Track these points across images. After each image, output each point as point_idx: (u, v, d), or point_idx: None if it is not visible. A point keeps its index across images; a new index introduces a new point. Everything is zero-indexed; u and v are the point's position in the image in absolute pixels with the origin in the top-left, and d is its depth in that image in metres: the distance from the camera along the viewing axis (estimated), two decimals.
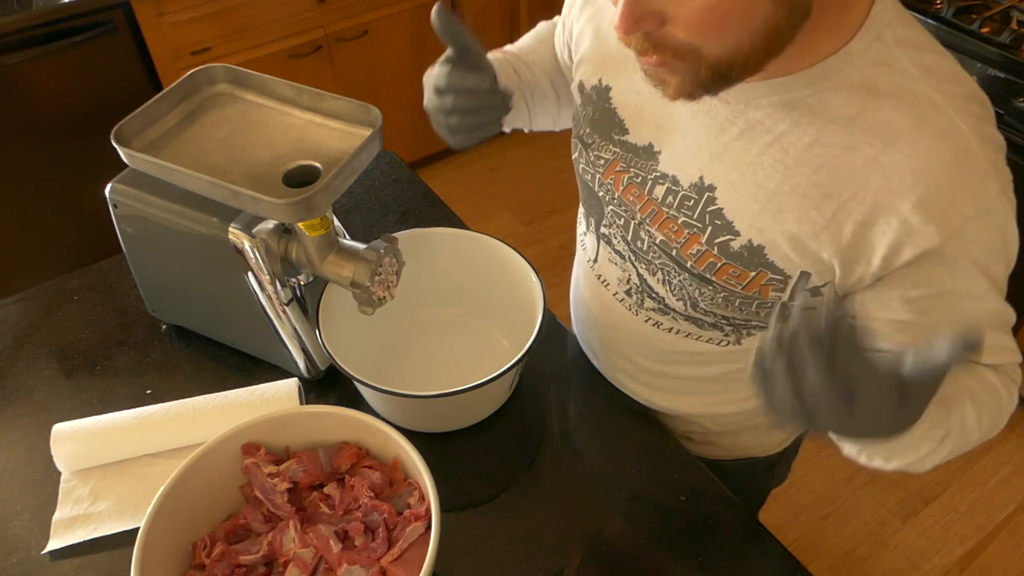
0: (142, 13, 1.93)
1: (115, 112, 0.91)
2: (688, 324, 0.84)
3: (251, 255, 0.89)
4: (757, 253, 0.71)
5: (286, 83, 0.90)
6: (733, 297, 0.76)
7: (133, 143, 0.86)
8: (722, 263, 0.74)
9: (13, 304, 1.12)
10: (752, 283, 0.73)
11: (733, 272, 0.74)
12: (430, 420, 0.94)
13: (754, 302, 0.76)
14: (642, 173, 0.78)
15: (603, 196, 0.85)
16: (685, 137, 0.74)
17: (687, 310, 0.82)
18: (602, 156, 0.83)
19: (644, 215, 0.80)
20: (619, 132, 0.80)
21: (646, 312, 0.87)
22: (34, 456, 0.93)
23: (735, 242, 0.72)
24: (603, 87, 0.81)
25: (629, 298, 0.88)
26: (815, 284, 0.70)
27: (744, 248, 0.72)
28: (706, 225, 0.74)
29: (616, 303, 0.90)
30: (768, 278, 0.72)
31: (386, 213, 1.26)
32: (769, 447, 1.04)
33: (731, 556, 0.84)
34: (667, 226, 0.77)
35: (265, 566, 0.76)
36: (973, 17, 1.74)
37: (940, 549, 1.84)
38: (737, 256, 0.72)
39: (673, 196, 0.76)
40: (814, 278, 0.70)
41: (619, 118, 0.80)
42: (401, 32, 2.44)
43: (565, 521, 0.87)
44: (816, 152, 0.65)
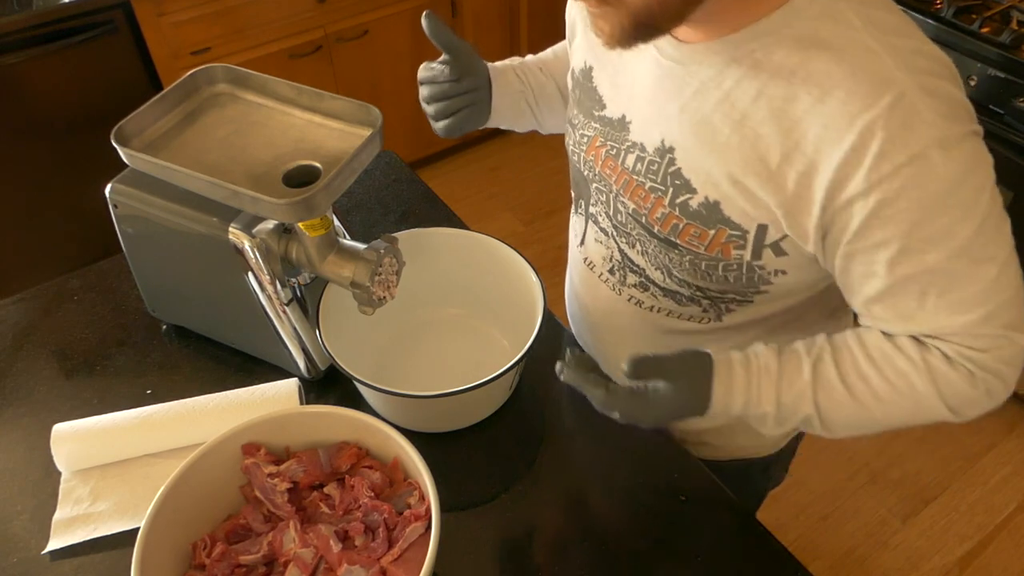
0: (142, 13, 1.93)
1: (115, 112, 0.91)
2: (667, 300, 0.85)
3: (251, 255, 0.89)
4: (714, 210, 0.72)
5: (286, 83, 0.91)
6: (699, 260, 0.77)
7: (133, 143, 0.86)
8: (684, 224, 0.75)
9: (13, 304, 1.13)
10: (713, 242, 0.74)
11: (694, 232, 0.75)
12: (430, 420, 0.94)
13: (719, 263, 0.76)
14: (616, 145, 0.81)
15: (587, 175, 0.87)
16: (650, 104, 0.76)
17: (665, 281, 0.83)
18: (585, 134, 0.86)
19: (619, 186, 0.82)
20: (599, 108, 0.83)
21: (628, 290, 0.88)
22: (34, 456, 0.93)
23: (693, 200, 0.73)
24: (587, 68, 0.85)
25: (612, 276, 0.90)
26: (774, 239, 0.71)
27: (702, 206, 0.73)
28: (668, 187, 0.75)
29: (602, 285, 0.92)
30: (727, 235, 0.73)
31: (386, 213, 1.26)
32: (763, 448, 1.04)
33: (731, 556, 0.84)
34: (636, 193, 0.79)
35: (265, 566, 0.76)
36: (973, 17, 1.74)
37: (940, 549, 1.84)
38: (696, 215, 0.74)
39: (641, 163, 0.78)
40: (771, 231, 0.71)
41: (599, 95, 0.83)
42: (401, 32, 2.44)
43: (565, 521, 0.87)
44: (761, 105, 0.67)
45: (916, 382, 0.71)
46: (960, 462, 2.01)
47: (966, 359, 0.70)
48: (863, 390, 0.72)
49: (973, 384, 0.70)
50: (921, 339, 0.71)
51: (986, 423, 2.08)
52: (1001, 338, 0.69)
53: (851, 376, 0.72)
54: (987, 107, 1.71)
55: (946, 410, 0.72)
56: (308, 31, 2.25)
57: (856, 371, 0.72)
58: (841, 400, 0.72)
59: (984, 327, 0.68)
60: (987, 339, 0.69)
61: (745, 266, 0.75)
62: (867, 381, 0.72)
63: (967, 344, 0.69)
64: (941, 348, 0.70)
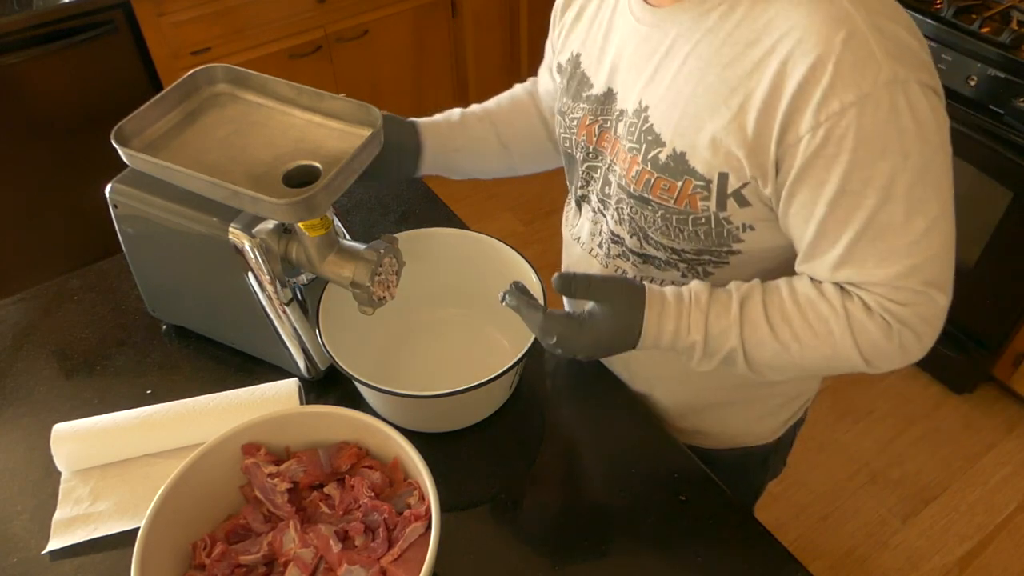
0: (142, 13, 1.93)
1: (115, 112, 0.91)
2: (647, 267, 0.87)
3: (251, 255, 0.89)
4: (680, 161, 0.75)
5: (286, 83, 0.90)
6: (670, 215, 0.79)
7: (133, 143, 0.86)
8: (655, 178, 0.78)
9: (13, 304, 1.13)
10: (681, 194, 0.77)
11: (664, 186, 0.78)
12: (430, 420, 0.94)
13: (688, 217, 0.78)
14: (608, 118, 0.85)
15: (579, 157, 0.91)
16: (630, 71, 0.81)
17: (642, 247, 0.86)
18: (575, 117, 0.89)
19: (612, 156, 0.85)
20: (587, 89, 0.87)
21: (613, 261, 0.91)
22: (34, 456, 0.93)
23: (662, 153, 0.77)
24: (574, 56, 0.89)
25: (600, 250, 0.92)
26: (735, 187, 0.73)
27: (670, 158, 0.76)
28: (642, 144, 0.79)
29: (592, 260, 0.94)
30: (693, 186, 0.76)
31: (386, 213, 1.26)
32: (761, 436, 1.04)
33: (731, 556, 0.84)
34: (621, 157, 0.83)
35: (265, 566, 0.76)
36: (973, 17, 1.74)
37: (940, 549, 1.84)
38: (665, 167, 0.77)
39: (625, 127, 0.82)
40: (732, 179, 0.73)
41: (586, 76, 0.87)
42: (401, 32, 2.44)
43: (565, 521, 0.87)
44: (724, 52, 0.71)
45: (834, 328, 0.73)
46: (960, 462, 2.01)
47: (885, 311, 0.72)
48: (785, 331, 0.74)
49: (888, 336, 0.72)
50: (846, 287, 0.74)
51: (986, 423, 2.08)
52: (922, 294, 0.70)
53: (776, 316, 0.75)
54: (987, 107, 1.71)
55: (860, 359, 0.74)
56: (308, 31, 2.25)
57: (781, 312, 0.75)
58: (764, 338, 0.75)
59: (907, 280, 0.70)
60: (908, 293, 0.70)
61: (713, 219, 0.77)
62: (790, 323, 0.74)
63: (889, 296, 0.71)
64: (863, 297, 0.73)
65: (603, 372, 1.03)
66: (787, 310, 0.75)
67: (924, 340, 0.74)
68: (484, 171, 1.08)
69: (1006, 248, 1.83)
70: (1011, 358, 2.00)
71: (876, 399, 2.15)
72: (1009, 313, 1.90)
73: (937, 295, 0.71)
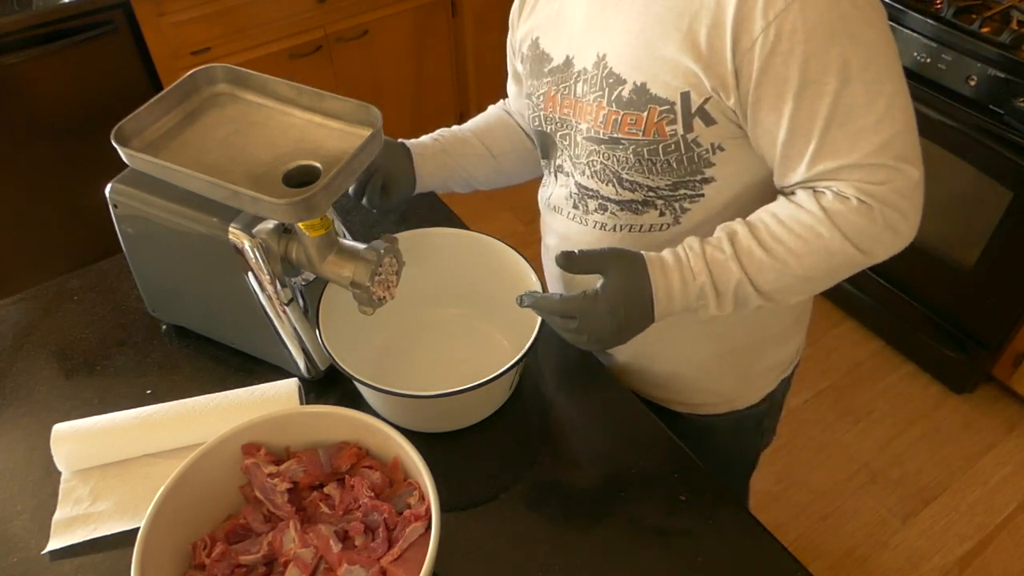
0: (142, 13, 1.93)
1: (115, 112, 0.91)
2: (626, 214, 0.90)
3: (251, 255, 0.89)
4: (642, 92, 0.80)
5: (286, 83, 0.91)
6: (641, 148, 0.82)
7: (133, 143, 0.86)
8: (621, 115, 0.82)
9: (13, 304, 1.13)
10: (648, 124, 0.80)
11: (631, 120, 0.81)
12: (430, 420, 0.94)
13: (659, 146, 0.81)
14: (567, 83, 0.89)
15: (551, 130, 0.94)
16: (584, 33, 0.85)
17: (618, 193, 0.88)
18: (541, 93, 0.93)
19: (576, 118, 0.89)
20: (547, 64, 0.91)
21: (592, 216, 0.93)
22: (34, 456, 0.93)
23: (624, 90, 0.81)
24: (534, 40, 0.93)
25: (576, 210, 0.95)
26: (698, 103, 0.77)
27: (632, 92, 0.80)
28: (604, 88, 0.83)
29: (571, 224, 0.97)
30: (658, 112, 0.79)
31: (386, 213, 1.26)
32: (754, 394, 1.07)
33: (731, 556, 0.84)
34: (586, 111, 0.86)
35: (265, 566, 0.76)
36: (973, 17, 1.74)
37: (940, 549, 1.84)
38: (629, 103, 0.81)
39: (586, 84, 0.86)
40: (693, 96, 0.77)
41: (546, 54, 0.91)
42: (401, 32, 2.44)
43: (565, 521, 0.87)
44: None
45: (821, 230, 0.76)
46: (960, 462, 2.01)
47: (863, 193, 0.75)
48: (779, 249, 0.78)
49: (872, 219, 0.75)
50: (818, 188, 0.78)
51: (986, 423, 2.08)
52: (894, 170, 0.74)
53: (766, 239, 0.78)
54: (987, 107, 1.71)
55: (855, 250, 0.77)
56: (308, 31, 2.25)
57: (769, 234, 0.78)
58: (762, 262, 0.78)
59: (879, 157, 0.74)
60: (882, 170, 0.74)
61: (682, 143, 0.80)
62: (780, 240, 0.78)
63: (865, 179, 0.75)
64: (839, 188, 0.76)
65: (603, 371, 1.03)
66: (773, 230, 0.78)
67: (909, 216, 0.77)
68: (478, 182, 1.12)
69: (1006, 248, 1.83)
70: (1011, 358, 2.00)
71: (876, 399, 2.15)
72: (1009, 313, 1.90)
73: (909, 168, 0.74)
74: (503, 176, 1.13)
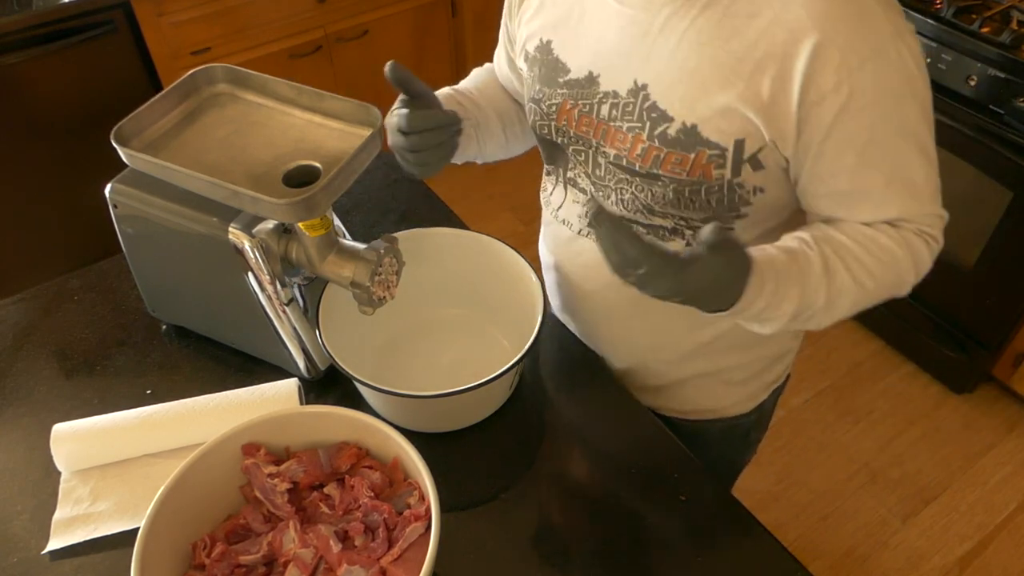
0: (142, 13, 1.93)
1: (115, 112, 0.91)
2: (650, 237, 0.82)
3: (251, 255, 0.89)
4: (692, 133, 0.77)
5: (286, 83, 0.91)
6: (682, 187, 0.80)
7: (133, 143, 0.86)
8: (664, 153, 0.79)
9: (13, 304, 1.13)
10: (695, 166, 0.78)
11: (676, 160, 0.79)
12: (430, 420, 0.94)
13: (702, 187, 0.79)
14: (589, 101, 0.85)
15: (562, 142, 0.90)
16: (617, 54, 0.81)
17: (648, 218, 0.86)
18: (553, 103, 0.89)
19: (597, 139, 0.85)
20: (563, 74, 0.87)
21: None
22: (34, 456, 0.93)
23: (671, 128, 0.78)
24: (544, 43, 0.89)
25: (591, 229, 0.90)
26: (751, 151, 0.76)
27: (680, 132, 0.78)
28: (645, 121, 0.80)
29: (578, 238, 0.95)
30: (707, 156, 0.77)
31: (386, 213, 1.26)
32: (745, 402, 1.06)
33: (731, 556, 0.84)
34: (616, 139, 0.83)
35: (265, 566, 0.76)
36: (973, 17, 1.74)
37: (940, 549, 1.84)
38: (676, 142, 0.78)
39: (616, 109, 0.82)
40: (748, 144, 0.75)
41: (561, 62, 0.87)
42: (401, 32, 2.44)
43: (565, 521, 0.87)
44: (725, 25, 0.74)
45: (898, 253, 0.78)
46: (960, 462, 2.01)
47: (926, 235, 0.80)
48: (861, 272, 0.78)
49: (931, 252, 0.81)
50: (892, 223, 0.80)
51: (986, 423, 2.08)
52: (935, 216, 0.80)
53: (851, 262, 0.77)
54: (987, 107, 1.71)
55: (914, 278, 0.81)
56: (308, 31, 2.25)
57: (853, 256, 0.78)
58: (845, 285, 0.77)
59: (931, 206, 0.79)
60: (931, 217, 0.80)
61: (727, 186, 0.79)
62: (862, 262, 0.78)
63: (923, 223, 0.80)
64: (907, 227, 0.80)
65: (602, 371, 1.03)
66: (855, 252, 0.78)
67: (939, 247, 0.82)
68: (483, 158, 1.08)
69: (1006, 248, 1.83)
70: (1011, 358, 2.00)
71: (876, 399, 2.15)
72: (1009, 313, 1.90)
73: (942, 210, 0.80)
74: (503, 153, 1.10)
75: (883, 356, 2.26)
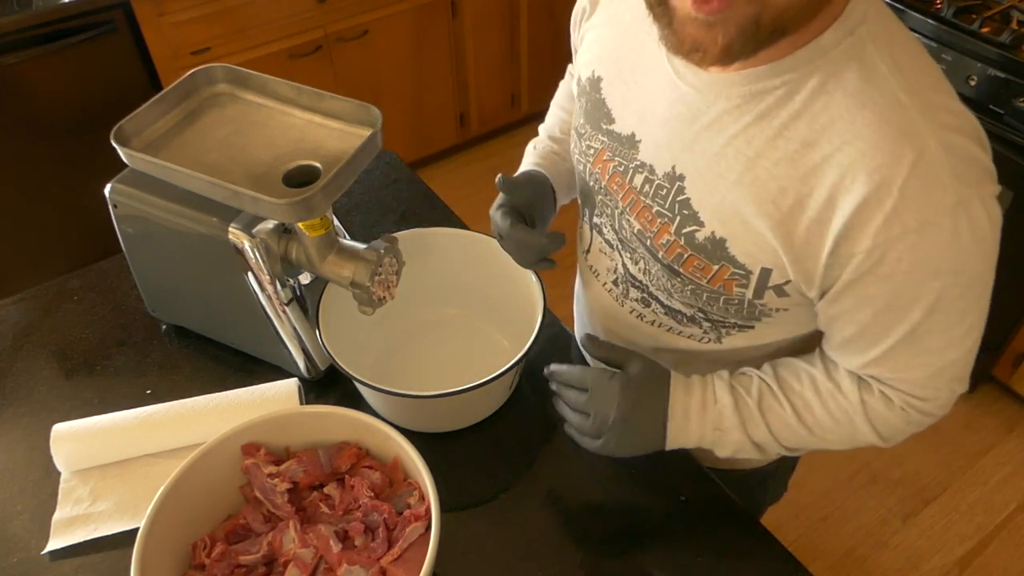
0: (142, 13, 1.93)
1: (115, 112, 0.91)
2: (668, 319, 0.85)
3: (251, 255, 0.89)
4: (719, 246, 0.71)
5: (286, 83, 0.91)
6: (700, 291, 0.77)
7: (133, 143, 0.86)
8: (688, 254, 0.74)
9: (13, 304, 1.13)
10: (716, 277, 0.74)
11: (698, 264, 0.74)
12: (430, 420, 0.94)
13: (720, 297, 0.76)
14: (624, 162, 0.79)
15: (593, 186, 0.86)
16: (662, 127, 0.74)
17: (668, 299, 0.83)
18: (592, 146, 0.83)
19: (625, 204, 0.80)
20: (607, 122, 0.80)
21: (630, 303, 0.89)
22: (34, 456, 0.93)
23: (700, 233, 0.72)
24: (595, 78, 0.82)
25: (616, 288, 0.90)
26: (777, 282, 0.71)
27: (708, 240, 0.72)
28: (675, 215, 0.74)
29: (605, 294, 0.92)
30: (731, 272, 0.72)
31: (386, 213, 1.26)
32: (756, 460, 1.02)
33: (731, 556, 0.84)
34: (643, 215, 0.78)
35: (265, 566, 0.76)
36: (973, 17, 1.74)
37: (940, 549, 1.84)
38: (702, 248, 0.73)
39: (649, 185, 0.76)
40: (775, 275, 0.70)
41: (607, 108, 0.80)
42: (401, 32, 2.44)
43: (565, 521, 0.87)
44: (778, 145, 0.65)
45: (855, 418, 0.76)
46: (960, 462, 2.01)
47: (908, 405, 0.74)
48: (807, 418, 0.77)
49: (907, 421, 0.76)
50: (865, 378, 0.75)
51: (986, 423, 2.08)
52: (945, 390, 0.73)
53: (798, 405, 0.77)
54: (987, 107, 1.71)
55: (879, 439, 0.78)
56: (308, 31, 2.25)
57: (802, 401, 0.77)
58: (787, 423, 0.77)
59: (935, 380, 0.72)
60: (932, 390, 0.73)
61: (747, 303, 0.75)
62: (810, 410, 0.77)
63: (914, 394, 0.73)
64: (886, 392, 0.75)
65: None
66: (807, 399, 0.77)
67: (938, 419, 0.77)
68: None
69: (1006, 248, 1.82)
70: (1011, 358, 2.00)
71: None
72: (1009, 313, 1.90)
73: (957, 387, 0.73)
74: None
75: None
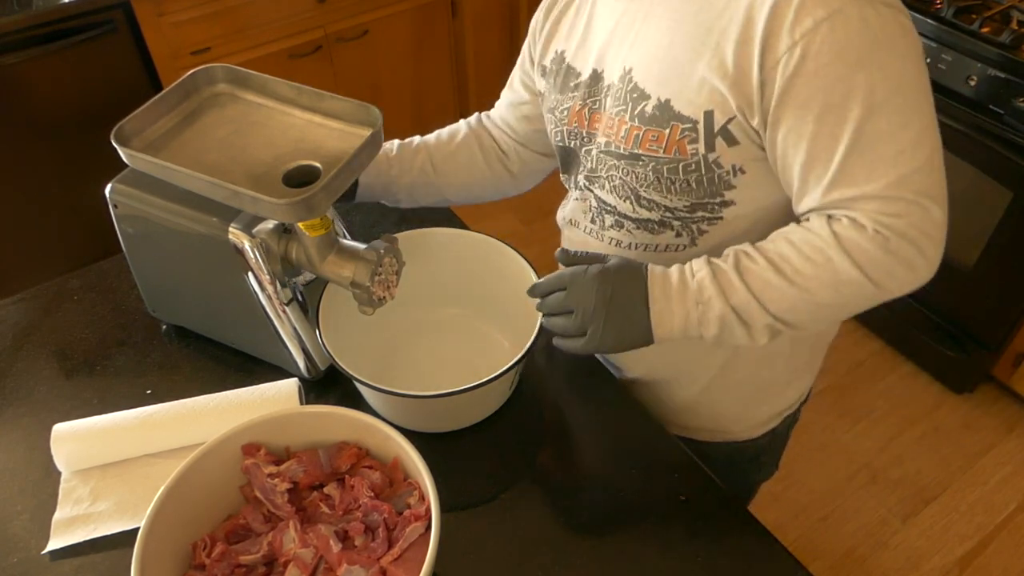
0: (142, 13, 1.93)
1: (115, 112, 0.91)
2: (641, 232, 0.89)
3: (251, 255, 0.89)
4: (665, 108, 0.79)
5: (286, 83, 0.91)
6: (660, 166, 0.81)
7: (133, 143, 0.86)
8: (643, 131, 0.81)
9: (13, 304, 1.13)
10: (669, 141, 0.79)
11: (652, 137, 0.80)
12: (430, 420, 0.94)
13: (679, 165, 0.80)
14: (597, 97, 0.87)
15: (575, 145, 0.92)
16: (612, 46, 0.84)
17: (635, 211, 0.87)
18: (565, 108, 0.91)
19: (601, 133, 0.87)
20: (575, 78, 0.90)
21: (608, 232, 0.92)
22: (34, 456, 0.93)
23: (648, 105, 0.80)
24: (559, 54, 0.92)
25: (593, 225, 0.95)
26: (721, 122, 0.76)
27: (656, 108, 0.79)
28: (628, 103, 0.82)
29: (586, 236, 0.96)
30: (680, 130, 0.78)
31: (386, 213, 1.26)
32: (753, 427, 1.05)
33: (731, 556, 0.84)
34: (608, 126, 0.86)
35: (265, 566, 0.76)
36: (973, 17, 1.74)
37: (940, 549, 1.84)
38: (652, 119, 0.80)
39: (613, 98, 0.85)
40: (716, 115, 0.76)
41: (574, 68, 0.90)
42: (401, 32, 2.44)
43: (565, 521, 0.87)
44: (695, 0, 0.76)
45: (831, 254, 0.73)
46: (960, 462, 2.01)
47: (880, 224, 0.71)
48: (785, 268, 0.75)
49: (886, 249, 0.71)
50: (833, 213, 0.74)
51: (986, 423, 2.08)
52: (915, 204, 0.70)
53: (774, 259, 0.76)
54: (987, 107, 1.71)
55: (865, 280, 0.73)
56: (308, 31, 2.25)
57: (777, 253, 0.76)
58: (768, 280, 0.75)
59: (898, 189, 0.70)
60: (901, 203, 0.70)
61: (703, 162, 0.79)
62: (787, 260, 0.75)
63: (882, 210, 0.71)
64: (855, 217, 0.72)
65: (602, 372, 1.03)
66: (782, 250, 0.76)
67: (927, 253, 0.72)
68: (416, 201, 1.10)
69: (1006, 248, 1.83)
70: (1011, 358, 2.00)
71: (876, 399, 2.15)
72: (1009, 313, 1.90)
73: (931, 205, 0.71)
74: (442, 200, 1.12)
75: (883, 356, 2.26)
